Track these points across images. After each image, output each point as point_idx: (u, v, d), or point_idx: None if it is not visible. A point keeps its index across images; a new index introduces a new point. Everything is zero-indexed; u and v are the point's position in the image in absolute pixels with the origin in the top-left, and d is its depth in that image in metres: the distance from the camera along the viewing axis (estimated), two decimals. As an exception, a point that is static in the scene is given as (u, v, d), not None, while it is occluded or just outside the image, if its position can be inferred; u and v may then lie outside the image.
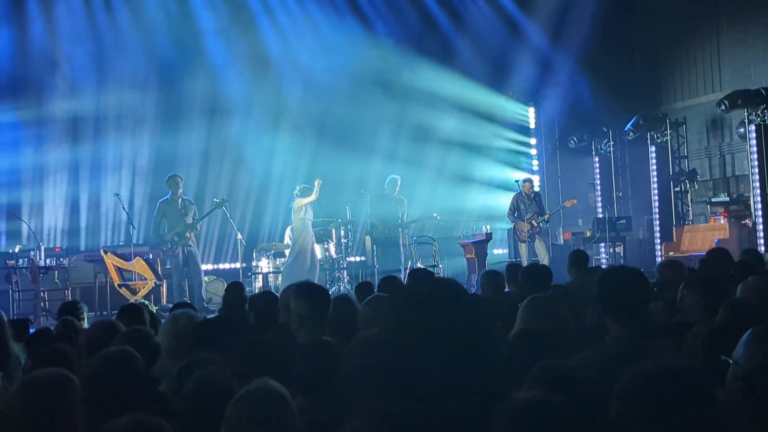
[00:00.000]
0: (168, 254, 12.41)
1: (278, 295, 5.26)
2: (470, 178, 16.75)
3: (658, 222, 15.59)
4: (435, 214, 14.42)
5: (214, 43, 15.31)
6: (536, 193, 14.41)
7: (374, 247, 13.57)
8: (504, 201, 15.06)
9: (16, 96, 14.17)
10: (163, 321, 5.01)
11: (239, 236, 13.07)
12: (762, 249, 12.75)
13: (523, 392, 2.44)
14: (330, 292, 4.84)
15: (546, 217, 14.10)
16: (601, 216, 15.89)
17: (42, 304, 11.68)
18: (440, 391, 1.59)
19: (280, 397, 2.52)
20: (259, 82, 15.47)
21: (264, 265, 13.77)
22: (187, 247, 12.25)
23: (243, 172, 15.55)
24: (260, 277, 13.62)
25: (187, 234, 12.22)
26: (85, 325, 6.03)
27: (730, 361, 2.71)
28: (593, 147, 16.78)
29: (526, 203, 14.01)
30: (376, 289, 6.32)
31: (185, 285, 12.21)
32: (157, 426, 2.28)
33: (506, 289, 6.80)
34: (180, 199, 12.39)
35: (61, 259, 12.64)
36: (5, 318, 4.32)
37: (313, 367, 3.29)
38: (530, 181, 14.68)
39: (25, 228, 13.83)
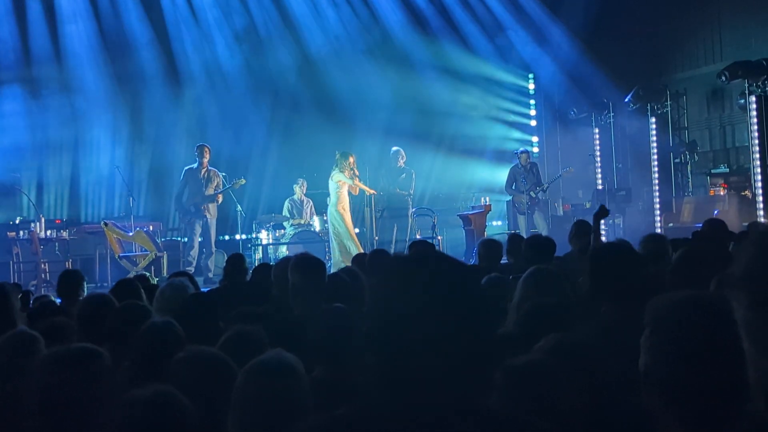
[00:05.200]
0: (184, 222, 12.58)
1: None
2: (469, 150, 16.69)
3: (657, 193, 15.57)
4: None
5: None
6: (533, 164, 14.37)
7: (373, 217, 13.56)
8: (502, 174, 15.07)
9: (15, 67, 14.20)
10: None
11: (239, 208, 13.13)
12: (762, 221, 12.75)
13: (521, 356, 2.47)
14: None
15: (545, 186, 14.10)
16: (600, 187, 15.90)
17: (43, 276, 11.72)
18: (435, 365, 1.60)
19: (290, 369, 2.54)
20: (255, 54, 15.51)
21: (264, 236, 13.82)
22: (203, 218, 12.38)
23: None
24: (260, 248, 13.67)
25: (203, 206, 12.32)
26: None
27: None
28: (593, 118, 16.74)
29: (524, 175, 13.99)
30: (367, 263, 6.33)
31: (193, 256, 12.34)
32: (177, 398, 2.30)
33: (504, 260, 6.82)
34: (205, 169, 12.48)
35: (62, 231, 12.68)
36: (11, 292, 4.34)
37: (330, 336, 3.31)
38: (527, 152, 14.62)
39: (24, 200, 13.85)
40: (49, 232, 12.36)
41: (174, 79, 15.11)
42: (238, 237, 13.67)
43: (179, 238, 13.69)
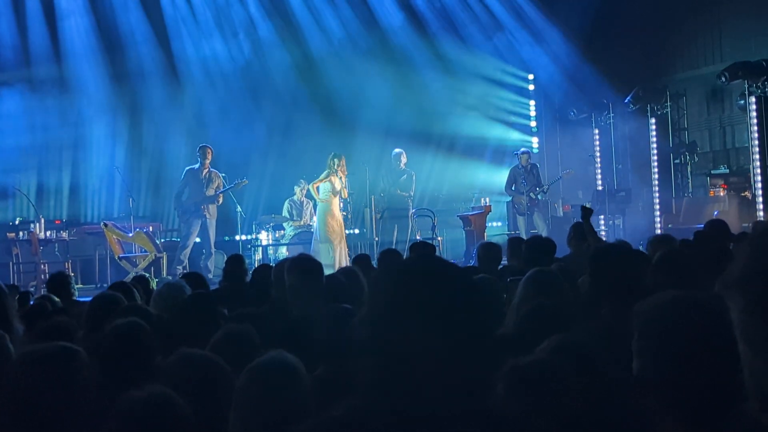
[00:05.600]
0: (183, 221, 12.61)
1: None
2: (469, 151, 16.67)
3: (657, 194, 15.58)
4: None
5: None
6: (533, 165, 14.36)
7: (374, 218, 13.55)
8: (501, 175, 15.09)
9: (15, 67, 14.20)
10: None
11: (239, 209, 13.14)
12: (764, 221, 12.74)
13: (527, 356, 2.47)
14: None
15: (545, 188, 14.10)
16: (600, 188, 15.89)
17: (42, 277, 11.71)
18: (432, 365, 1.60)
19: (291, 370, 2.54)
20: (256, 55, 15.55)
21: (264, 237, 13.82)
22: (202, 218, 12.40)
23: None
24: (260, 249, 13.67)
25: (203, 206, 12.34)
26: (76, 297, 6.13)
27: None
28: (593, 119, 16.73)
29: (524, 176, 13.98)
30: (375, 262, 6.36)
31: (185, 255, 12.35)
32: (173, 399, 2.30)
33: (503, 262, 6.82)
34: (206, 170, 12.52)
35: (61, 232, 12.67)
36: (7, 292, 4.33)
37: (333, 335, 3.31)
38: (528, 152, 14.61)
39: (24, 200, 13.84)
40: (48, 233, 12.34)
41: (174, 79, 15.11)
42: (238, 238, 13.67)
43: (179, 239, 13.68)
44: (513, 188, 14.10)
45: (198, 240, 12.61)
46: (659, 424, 1.92)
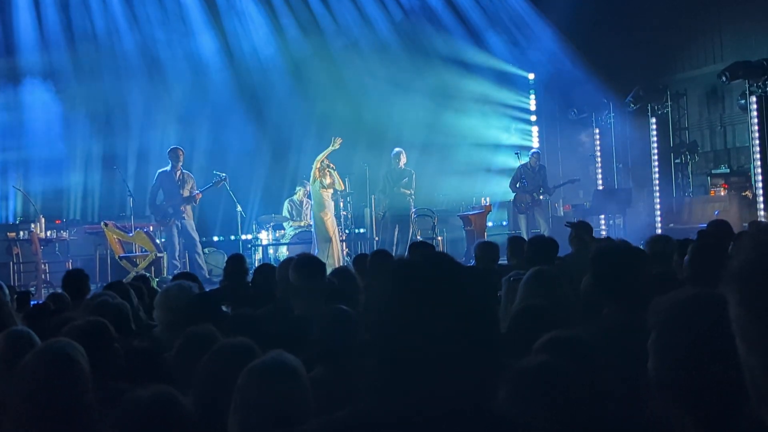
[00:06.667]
0: (162, 225, 12.55)
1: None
2: (469, 151, 16.66)
3: (658, 194, 15.57)
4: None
5: None
6: (541, 166, 14.39)
7: (374, 218, 13.54)
8: (501, 176, 15.10)
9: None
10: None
11: (239, 208, 13.12)
12: (762, 221, 12.74)
13: (530, 358, 2.46)
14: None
15: (551, 190, 14.13)
16: (601, 188, 15.88)
17: (43, 276, 11.71)
18: (437, 367, 1.59)
19: (291, 371, 2.54)
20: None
21: (264, 237, 13.81)
22: (181, 220, 12.35)
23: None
24: (260, 249, 13.66)
25: (182, 207, 12.32)
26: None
27: None
28: (593, 118, 16.73)
29: (531, 176, 14.01)
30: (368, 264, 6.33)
31: (177, 258, 12.33)
32: (176, 398, 2.30)
33: (500, 261, 6.82)
34: (179, 172, 12.48)
35: (62, 232, 12.66)
36: (6, 291, 4.34)
37: (331, 336, 3.30)
38: (537, 154, 14.70)
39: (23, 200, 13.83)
40: (49, 233, 12.33)
41: (174, 79, 15.08)
42: (237, 237, 13.65)
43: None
44: (517, 186, 14.14)
45: (183, 240, 12.56)
46: (674, 425, 1.90)
